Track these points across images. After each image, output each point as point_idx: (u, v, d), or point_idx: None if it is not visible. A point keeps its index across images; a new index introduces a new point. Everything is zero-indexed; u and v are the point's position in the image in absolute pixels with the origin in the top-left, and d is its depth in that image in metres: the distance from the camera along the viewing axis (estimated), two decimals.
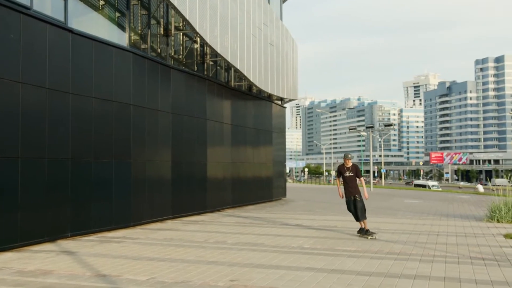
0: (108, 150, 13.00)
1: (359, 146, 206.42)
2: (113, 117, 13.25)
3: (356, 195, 11.71)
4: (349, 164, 11.82)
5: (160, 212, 15.33)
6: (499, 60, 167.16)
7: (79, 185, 11.88)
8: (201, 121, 18.15)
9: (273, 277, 7.39)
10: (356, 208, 11.69)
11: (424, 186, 68.76)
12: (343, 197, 11.91)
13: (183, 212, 16.61)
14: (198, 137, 17.95)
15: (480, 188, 63.09)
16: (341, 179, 12.13)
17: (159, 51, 16.85)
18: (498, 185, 18.55)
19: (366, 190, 11.89)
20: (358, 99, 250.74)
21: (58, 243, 10.85)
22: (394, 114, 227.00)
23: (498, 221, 15.47)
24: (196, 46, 19.66)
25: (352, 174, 11.71)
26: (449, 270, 8.00)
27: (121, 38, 14.28)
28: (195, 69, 19.44)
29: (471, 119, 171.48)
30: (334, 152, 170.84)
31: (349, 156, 11.89)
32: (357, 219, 11.81)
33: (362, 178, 11.91)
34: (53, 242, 10.93)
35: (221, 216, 17.49)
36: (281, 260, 8.81)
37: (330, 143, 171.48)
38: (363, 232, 11.73)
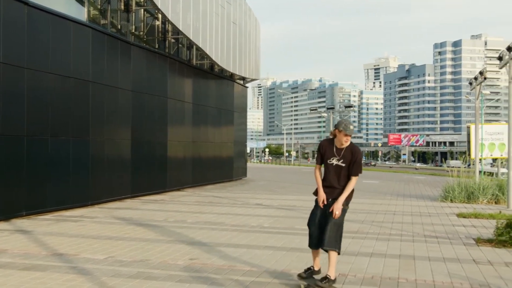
0: (65, 127, 12.70)
1: (319, 127, 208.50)
2: (71, 94, 12.92)
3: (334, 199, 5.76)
4: (346, 143, 5.72)
5: (119, 191, 15.14)
6: (456, 44, 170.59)
7: (35, 163, 11.59)
8: (162, 99, 17.92)
9: (233, 255, 7.43)
10: (323, 223, 5.74)
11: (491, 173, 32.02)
12: (323, 204, 5.83)
13: (142, 191, 16.45)
14: (159, 116, 17.74)
15: None
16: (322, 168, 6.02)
17: (119, 27, 16.48)
18: (453, 167, 19.10)
19: (344, 198, 5.73)
20: (320, 81, 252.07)
21: (12, 222, 10.59)
22: (354, 96, 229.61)
23: (451, 201, 15.98)
24: (158, 23, 19.31)
25: (344, 164, 5.73)
26: (404, 248, 8.23)
27: (79, 12, 13.91)
28: (157, 46, 19.13)
29: (428, 102, 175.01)
30: (295, 133, 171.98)
31: (351, 127, 5.64)
32: (317, 244, 5.78)
33: (355, 178, 5.76)
34: (7, 221, 10.66)
35: (181, 195, 17.43)
36: (241, 239, 8.86)
37: (291, 124, 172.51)
38: (313, 279, 5.80)
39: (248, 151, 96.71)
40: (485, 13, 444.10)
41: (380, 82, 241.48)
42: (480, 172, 21.13)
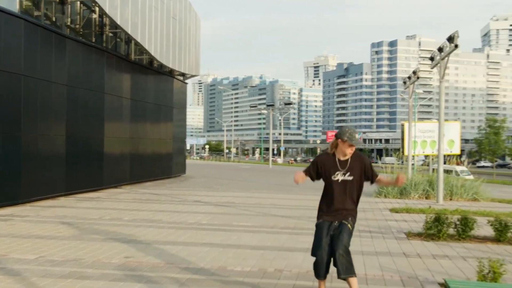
0: None
1: (259, 124, 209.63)
2: (1, 88, 12.39)
3: (344, 221, 5.18)
4: (349, 153, 4.95)
5: (53, 189, 14.68)
6: (392, 44, 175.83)
7: None
8: (98, 94, 17.50)
9: (169, 252, 7.37)
10: (331, 247, 5.07)
11: (450, 171, 31.21)
12: (299, 181, 5.49)
13: (77, 188, 16.02)
14: (95, 111, 17.31)
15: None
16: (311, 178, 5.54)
17: (54, 19, 15.95)
18: (387, 163, 19.74)
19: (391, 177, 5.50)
20: (260, 78, 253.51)
21: None
22: (294, 93, 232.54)
23: (385, 196, 16.51)
24: (95, 16, 18.83)
25: (352, 177, 5.07)
26: None
27: (11, 3, 13.34)
28: (93, 40, 18.65)
29: (365, 100, 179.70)
30: (235, 130, 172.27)
31: (356, 136, 4.95)
32: (325, 272, 5.18)
33: (381, 176, 5.28)
34: None
35: (118, 192, 17.10)
36: (178, 236, 8.80)
37: (232, 121, 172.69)
38: None
39: (188, 147, 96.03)
40: (419, 15, 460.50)
41: (320, 80, 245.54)
42: (413, 168, 21.93)
